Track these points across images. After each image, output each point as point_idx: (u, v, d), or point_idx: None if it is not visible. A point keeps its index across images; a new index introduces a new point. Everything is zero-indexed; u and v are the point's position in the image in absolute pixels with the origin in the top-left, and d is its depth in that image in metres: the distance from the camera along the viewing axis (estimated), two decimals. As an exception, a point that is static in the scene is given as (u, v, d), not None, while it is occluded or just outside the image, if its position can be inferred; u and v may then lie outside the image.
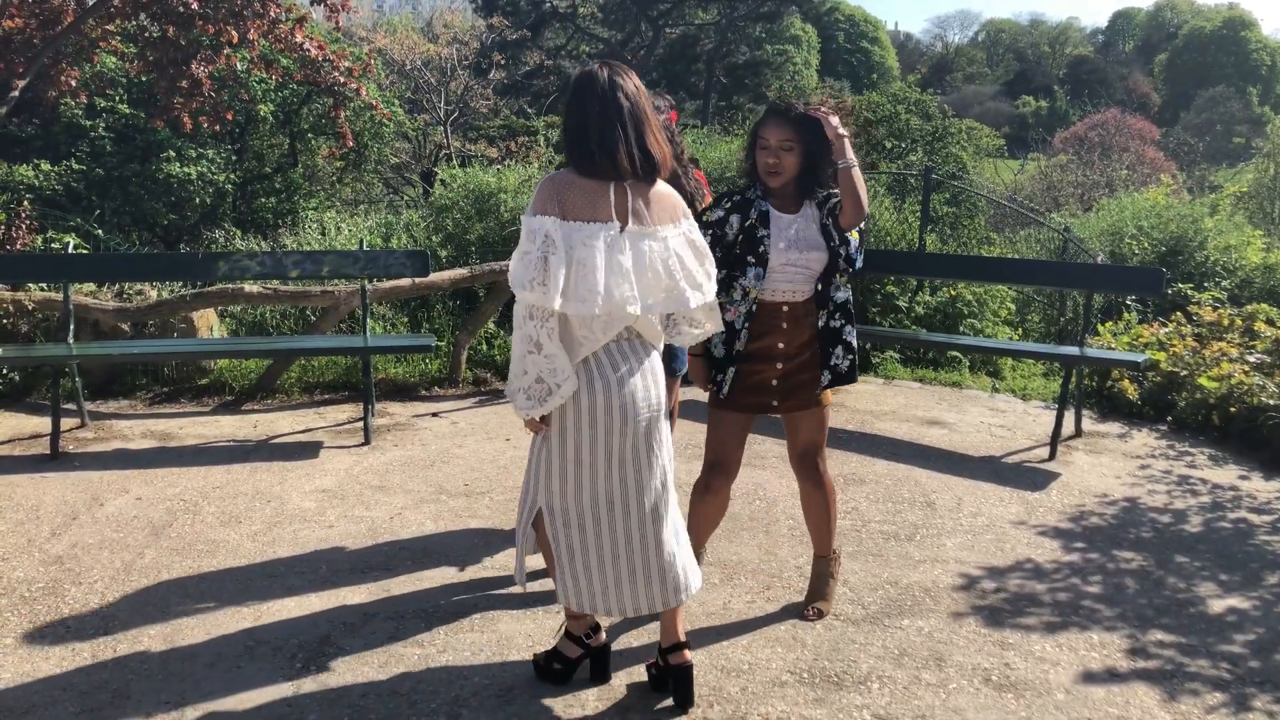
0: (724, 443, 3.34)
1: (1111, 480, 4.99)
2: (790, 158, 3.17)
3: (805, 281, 3.23)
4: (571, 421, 2.67)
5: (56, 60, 7.73)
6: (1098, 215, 11.66)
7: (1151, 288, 5.99)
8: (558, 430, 2.69)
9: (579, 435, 2.68)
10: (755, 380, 3.27)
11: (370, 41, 20.85)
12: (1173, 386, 6.16)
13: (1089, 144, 23.71)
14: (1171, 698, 3.01)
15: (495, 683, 3.00)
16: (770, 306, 3.24)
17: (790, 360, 3.27)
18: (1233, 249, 9.79)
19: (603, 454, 2.69)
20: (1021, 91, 53.32)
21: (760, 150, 3.21)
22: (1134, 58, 62.75)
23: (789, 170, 3.18)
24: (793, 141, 3.16)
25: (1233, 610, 3.60)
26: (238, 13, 7.29)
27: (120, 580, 3.65)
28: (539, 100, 23.30)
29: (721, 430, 3.33)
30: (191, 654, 3.14)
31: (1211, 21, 55.90)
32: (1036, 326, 9.05)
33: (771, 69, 29.86)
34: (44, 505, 4.38)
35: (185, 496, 4.51)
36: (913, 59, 66.22)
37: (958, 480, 4.92)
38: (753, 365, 3.27)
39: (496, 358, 6.87)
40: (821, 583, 3.50)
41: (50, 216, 9.73)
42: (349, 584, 3.64)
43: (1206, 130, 36.97)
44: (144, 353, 5.71)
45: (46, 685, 2.96)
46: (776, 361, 3.26)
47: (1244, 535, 4.33)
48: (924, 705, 2.93)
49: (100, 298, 6.43)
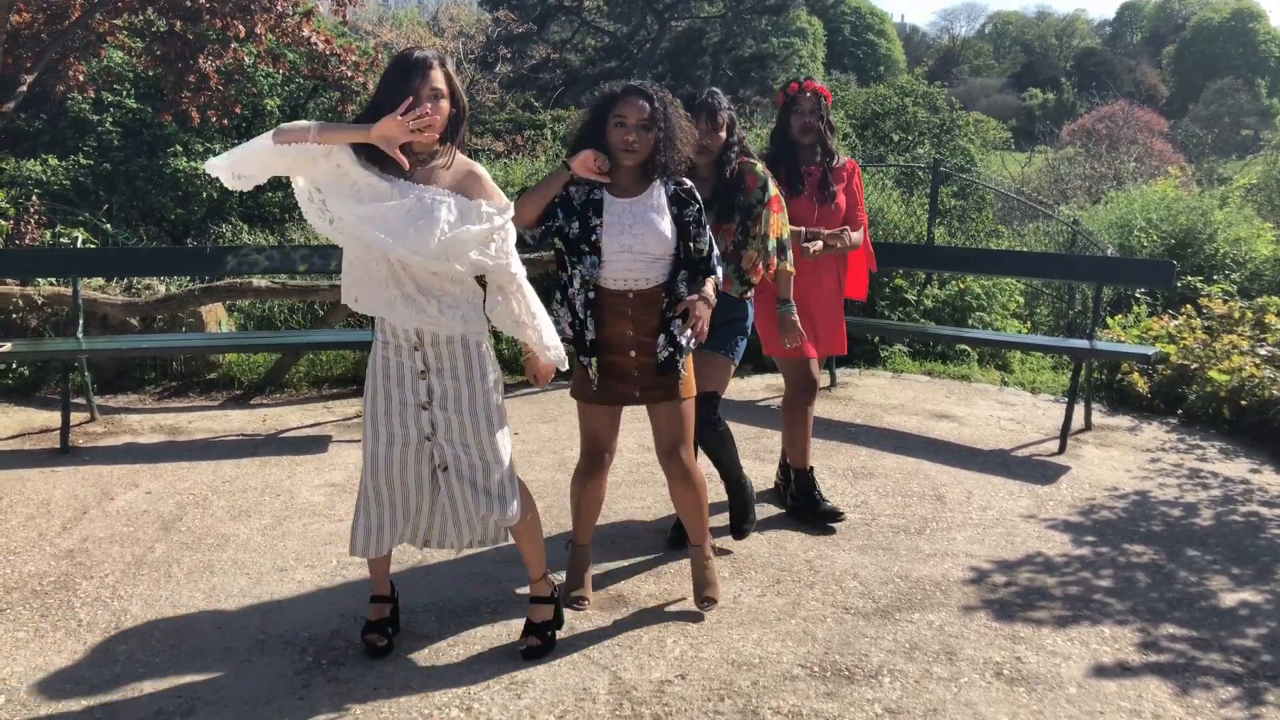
0: (596, 431, 3.35)
1: (1122, 474, 4.98)
2: (648, 137, 3.11)
3: (647, 268, 3.15)
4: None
5: (64, 55, 7.74)
6: (1106, 208, 11.63)
7: (1161, 280, 5.96)
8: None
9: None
10: (614, 370, 3.23)
11: (377, 35, 20.83)
12: (1183, 379, 6.13)
13: (1097, 136, 23.63)
14: (1184, 691, 3.00)
15: (505, 675, 3.00)
16: (614, 295, 3.18)
17: (644, 351, 3.20)
18: (1242, 241, 9.76)
19: None
20: (1029, 84, 53.12)
21: (617, 128, 3.12)
22: (1141, 49, 62.45)
23: (644, 151, 3.13)
24: (650, 121, 3.10)
25: (1245, 604, 3.59)
26: (245, 7, 7.29)
27: (131, 574, 3.66)
28: (545, 94, 23.27)
29: (591, 419, 3.34)
30: (202, 648, 3.15)
31: (1219, 13, 55.58)
32: (1045, 319, 9.02)
33: (777, 62, 29.72)
34: (54, 499, 4.39)
35: (195, 490, 4.52)
36: (919, 52, 65.97)
37: (967, 474, 4.90)
38: (608, 356, 3.23)
39: (504, 352, 6.87)
40: (700, 570, 3.44)
41: (58, 211, 9.75)
42: (358, 577, 3.64)
43: (1215, 122, 36.79)
44: (153, 347, 5.72)
45: (58, 679, 2.97)
46: (629, 350, 3.20)
47: (1255, 529, 4.31)
48: (935, 699, 2.92)
49: (109, 292, 6.45)
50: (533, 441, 5.32)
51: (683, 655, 3.13)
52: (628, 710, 2.83)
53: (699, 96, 3.68)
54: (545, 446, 5.23)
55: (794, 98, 4.20)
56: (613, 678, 2.99)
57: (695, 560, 3.46)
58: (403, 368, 2.92)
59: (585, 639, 3.23)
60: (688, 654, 3.14)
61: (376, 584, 3.19)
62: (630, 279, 3.16)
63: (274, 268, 5.89)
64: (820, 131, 4.19)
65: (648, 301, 3.19)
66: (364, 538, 3.02)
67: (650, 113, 3.10)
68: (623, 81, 3.28)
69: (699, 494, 3.38)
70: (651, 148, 3.13)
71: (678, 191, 3.23)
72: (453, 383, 2.91)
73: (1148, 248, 9.65)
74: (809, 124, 4.17)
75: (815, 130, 4.18)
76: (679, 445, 3.31)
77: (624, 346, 3.21)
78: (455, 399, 2.92)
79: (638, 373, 3.23)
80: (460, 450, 2.93)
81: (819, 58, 44.53)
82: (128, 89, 11.21)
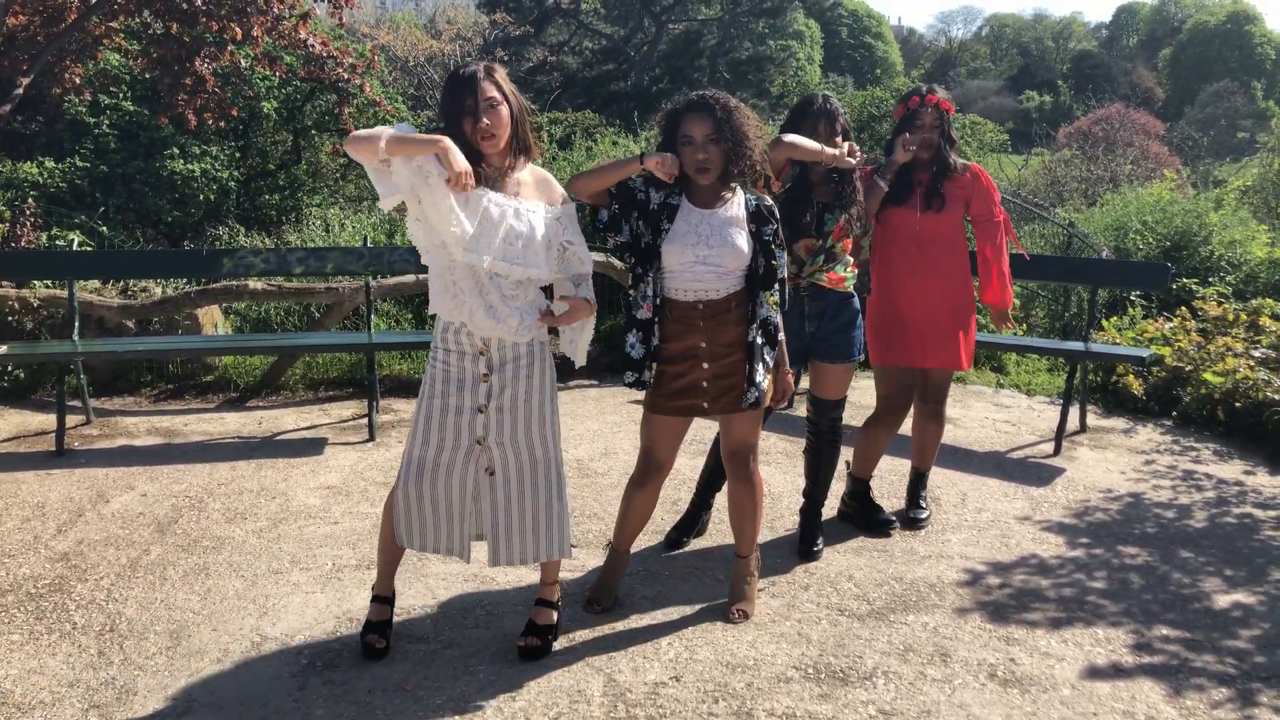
0: (656, 442, 3.32)
1: (1116, 475, 4.99)
2: (717, 151, 3.10)
3: (718, 280, 3.15)
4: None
5: (60, 57, 7.73)
6: (1102, 210, 11.62)
7: (1156, 283, 5.98)
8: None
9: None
10: (682, 383, 3.21)
11: (373, 38, 20.82)
12: (1177, 382, 6.15)
13: (1093, 139, 23.63)
14: (1177, 693, 3.01)
15: (501, 678, 3.00)
16: (682, 306, 3.17)
17: (717, 360, 3.19)
18: (1237, 244, 9.76)
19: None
20: (1025, 86, 53.16)
21: (685, 147, 3.11)
22: (1138, 52, 62.52)
23: (716, 165, 3.12)
24: (716, 135, 3.09)
25: (1238, 605, 3.60)
26: (242, 9, 7.29)
27: (126, 577, 3.66)
28: (542, 96, 23.27)
29: (652, 430, 3.33)
30: (198, 650, 3.15)
31: (1215, 16, 55.66)
32: (1041, 322, 9.02)
33: (775, 64, 29.75)
34: (50, 502, 4.39)
35: (190, 493, 4.52)
36: (916, 54, 66.05)
37: (962, 476, 4.91)
38: (676, 366, 3.20)
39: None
40: (741, 583, 3.46)
41: (55, 214, 9.74)
42: (354, 580, 3.64)
43: (1211, 125, 36.82)
44: (149, 349, 5.71)
45: (53, 682, 2.97)
46: (702, 361, 3.19)
47: (1249, 530, 4.32)
48: (929, 701, 2.93)
49: (105, 295, 6.44)
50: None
51: (677, 657, 3.14)
52: (622, 712, 2.84)
53: (816, 102, 3.73)
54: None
55: (914, 112, 4.01)
56: (607, 680, 3.00)
57: (738, 572, 3.47)
58: (464, 372, 2.96)
59: (580, 641, 3.23)
60: (682, 656, 3.15)
61: (381, 583, 3.20)
62: (700, 289, 3.15)
63: (270, 270, 5.89)
64: (938, 145, 4.03)
65: (718, 311, 3.17)
66: (405, 531, 3.07)
67: (715, 125, 3.09)
68: (686, 94, 3.27)
69: (756, 502, 3.40)
70: (723, 160, 3.12)
71: (760, 208, 3.23)
72: (513, 381, 2.97)
73: (1143, 250, 9.66)
74: (929, 139, 4.00)
75: (933, 144, 4.02)
76: (747, 451, 3.34)
77: (696, 357, 3.19)
78: (512, 398, 2.98)
79: (707, 384, 3.21)
80: (510, 453, 2.99)
81: (816, 60, 44.59)
82: (124, 91, 11.20)
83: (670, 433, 3.32)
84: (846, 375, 3.89)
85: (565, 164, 9.51)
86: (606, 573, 3.50)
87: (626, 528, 3.46)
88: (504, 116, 2.84)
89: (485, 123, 2.79)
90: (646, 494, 3.38)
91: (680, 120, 3.13)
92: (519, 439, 2.99)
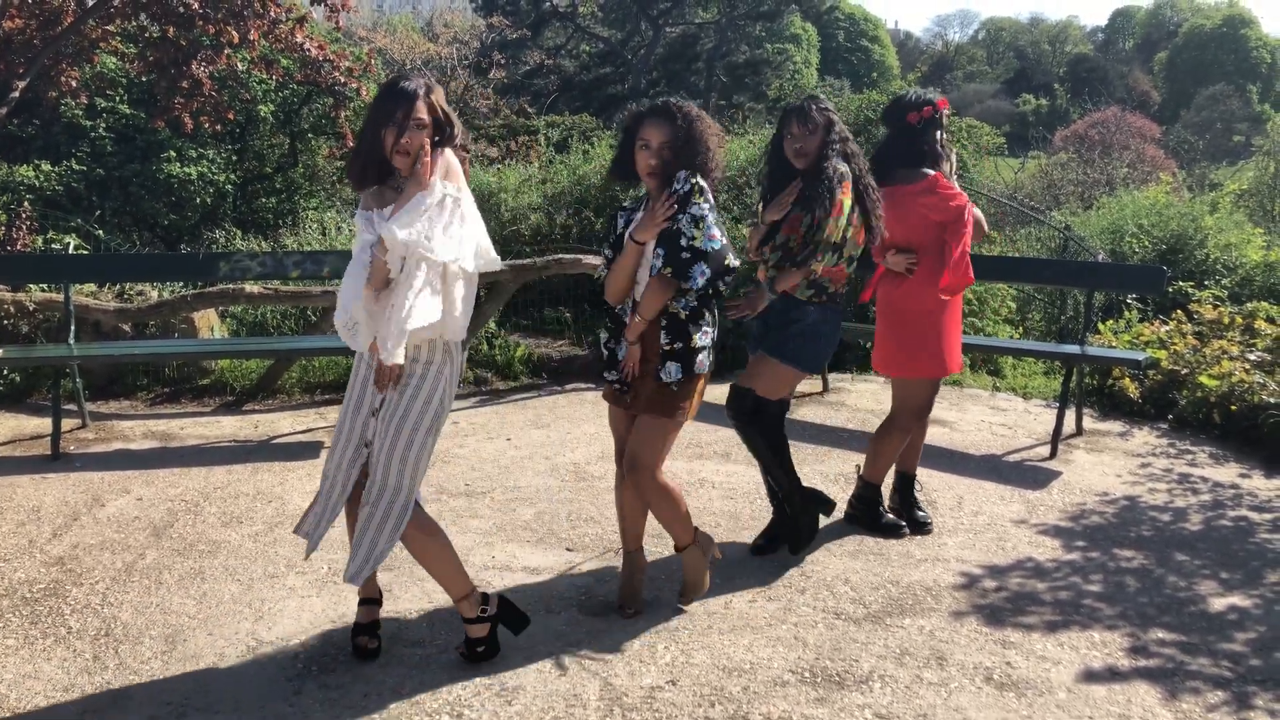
0: (617, 436, 3.41)
1: (1112, 479, 4.99)
2: (671, 158, 3.13)
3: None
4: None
5: (57, 61, 7.73)
6: (1098, 213, 11.64)
7: (1152, 286, 5.99)
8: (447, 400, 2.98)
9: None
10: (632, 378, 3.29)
11: (370, 41, 20.84)
12: (1173, 385, 6.15)
13: (1089, 142, 23.66)
14: (1173, 696, 3.01)
15: (496, 682, 3.00)
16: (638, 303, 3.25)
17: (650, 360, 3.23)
18: (1233, 247, 9.78)
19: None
20: (1022, 90, 53.27)
21: (641, 150, 3.15)
22: (1134, 56, 62.67)
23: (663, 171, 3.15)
24: (671, 142, 3.12)
25: (1233, 608, 3.60)
26: (238, 13, 7.30)
27: (122, 581, 3.66)
28: (539, 99, 23.27)
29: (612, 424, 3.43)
30: (194, 655, 3.15)
31: (1211, 19, 55.81)
32: (1037, 325, 9.03)
33: (771, 68, 29.76)
34: (45, 506, 4.38)
35: (186, 497, 4.51)
36: (913, 57, 66.13)
37: (958, 479, 4.92)
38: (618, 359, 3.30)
39: (497, 358, 6.88)
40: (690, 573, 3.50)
41: (51, 217, 9.73)
42: (350, 585, 3.63)
43: (1206, 128, 36.90)
44: (145, 353, 5.71)
45: (48, 686, 2.96)
46: (647, 359, 3.25)
47: (1245, 533, 4.33)
48: (925, 704, 2.93)
49: (101, 298, 6.44)
50: (525, 447, 5.32)
51: (673, 661, 3.14)
52: (618, 716, 2.84)
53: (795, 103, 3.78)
54: (538, 452, 5.24)
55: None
56: (603, 684, 3.00)
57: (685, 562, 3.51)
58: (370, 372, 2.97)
59: (576, 645, 3.23)
60: (678, 660, 3.15)
61: (364, 586, 3.19)
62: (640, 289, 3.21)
63: (267, 274, 5.89)
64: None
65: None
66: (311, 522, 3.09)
67: (672, 132, 3.11)
68: (647, 101, 3.30)
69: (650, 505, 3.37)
70: (676, 167, 3.14)
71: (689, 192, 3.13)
72: (399, 391, 2.91)
73: (1139, 253, 9.68)
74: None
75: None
76: (634, 460, 3.25)
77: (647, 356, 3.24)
78: (390, 410, 2.91)
79: (638, 381, 3.27)
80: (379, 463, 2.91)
81: (813, 64, 44.67)
82: (121, 95, 11.20)
83: (618, 422, 3.38)
84: (770, 373, 3.76)
85: (562, 167, 9.52)
86: (624, 577, 3.50)
87: (624, 527, 3.48)
88: (421, 142, 2.84)
89: (405, 140, 2.81)
90: (629, 490, 3.39)
91: (640, 124, 3.17)
92: (382, 454, 2.90)
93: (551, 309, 7.90)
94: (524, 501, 4.52)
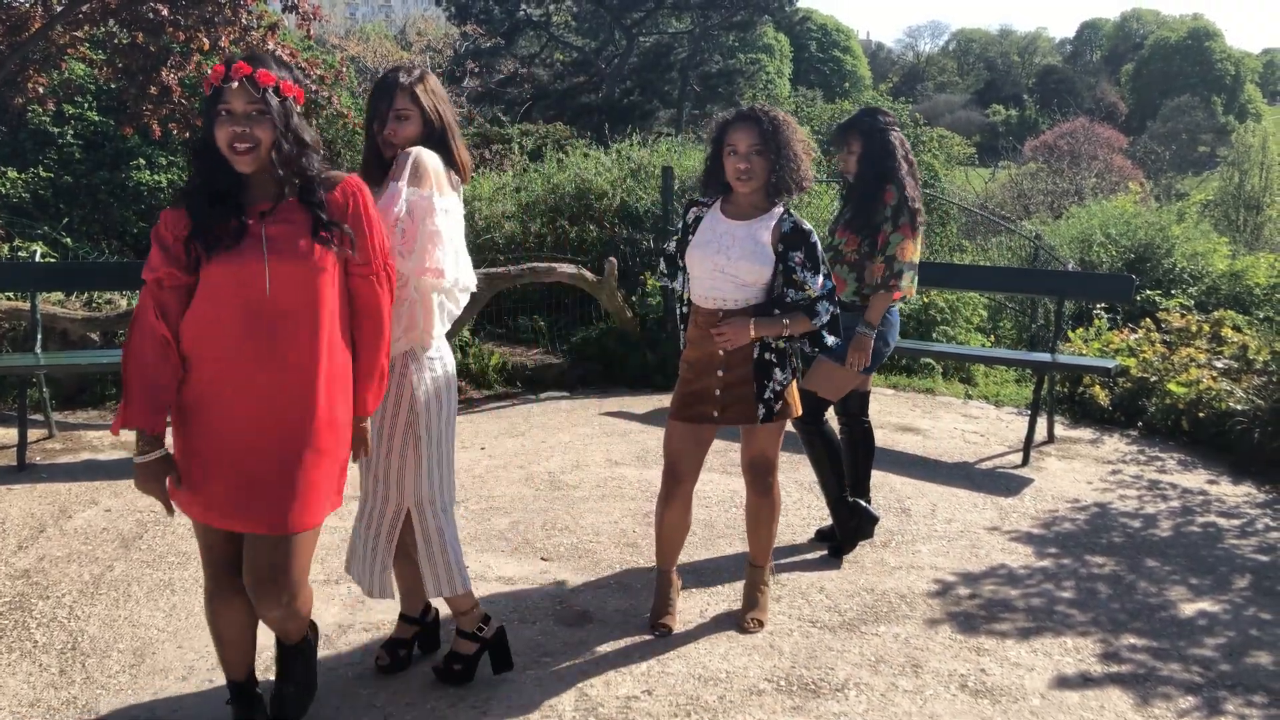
0: (676, 455, 3.32)
1: (1083, 485, 5.04)
2: (760, 161, 3.14)
3: (736, 290, 3.18)
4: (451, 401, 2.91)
5: (24, 67, 7.62)
6: (1067, 223, 11.79)
7: (1121, 294, 6.06)
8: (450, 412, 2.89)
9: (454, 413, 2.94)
10: (696, 388, 3.25)
11: (343, 49, 20.73)
12: (1143, 392, 6.22)
13: (1058, 152, 23.95)
14: (1144, 701, 3.04)
15: (472, 694, 2.97)
16: (704, 312, 3.24)
17: (731, 370, 3.22)
18: (1199, 256, 9.93)
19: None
20: (992, 100, 53.87)
21: (730, 156, 3.17)
22: (1101, 67, 63.50)
23: (759, 176, 3.16)
24: (761, 146, 3.13)
25: (1203, 614, 3.64)
26: (209, 20, 7.23)
27: (89, 594, 3.60)
28: (513, 108, 23.23)
29: (671, 440, 3.34)
30: (162, 668, 3.10)
31: (1176, 32, 56.66)
32: (1009, 333, 9.12)
33: (745, 77, 29.89)
34: (10, 518, 4.31)
35: (155, 508, 4.45)
36: (884, 68, 66.71)
37: (932, 486, 4.94)
38: (693, 372, 3.27)
39: (471, 366, 6.84)
40: (754, 591, 3.48)
41: (17, 224, 9.59)
42: (324, 594, 3.60)
43: (1172, 139, 37.41)
44: (113, 363, 5.62)
45: (13, 702, 2.91)
46: (717, 369, 3.23)
47: (1213, 539, 4.37)
48: (901, 712, 2.93)
49: (69, 306, 6.35)
50: (500, 456, 5.30)
51: (649, 670, 3.13)
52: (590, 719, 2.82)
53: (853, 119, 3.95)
54: (512, 461, 5.21)
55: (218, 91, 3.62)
56: (579, 694, 2.98)
57: (751, 580, 3.49)
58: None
59: (551, 655, 3.21)
60: (654, 669, 3.13)
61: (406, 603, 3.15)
62: (719, 297, 3.19)
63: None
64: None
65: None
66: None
67: (760, 136, 3.12)
68: (735, 108, 3.32)
69: (774, 515, 3.41)
70: (766, 170, 3.14)
71: (794, 230, 3.17)
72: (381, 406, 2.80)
73: (1108, 262, 9.80)
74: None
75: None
76: (765, 464, 3.34)
77: (712, 365, 3.22)
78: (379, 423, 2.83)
79: (719, 392, 3.23)
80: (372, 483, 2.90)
81: (786, 74, 44.90)
82: (89, 101, 11.07)
83: (687, 442, 3.30)
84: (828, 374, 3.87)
85: (536, 175, 9.51)
86: (659, 596, 3.46)
87: (663, 548, 3.44)
88: (407, 132, 2.81)
89: (388, 132, 2.81)
90: (674, 510, 3.35)
91: (726, 131, 3.19)
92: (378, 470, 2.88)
93: (526, 317, 7.89)
94: (498, 511, 4.50)
